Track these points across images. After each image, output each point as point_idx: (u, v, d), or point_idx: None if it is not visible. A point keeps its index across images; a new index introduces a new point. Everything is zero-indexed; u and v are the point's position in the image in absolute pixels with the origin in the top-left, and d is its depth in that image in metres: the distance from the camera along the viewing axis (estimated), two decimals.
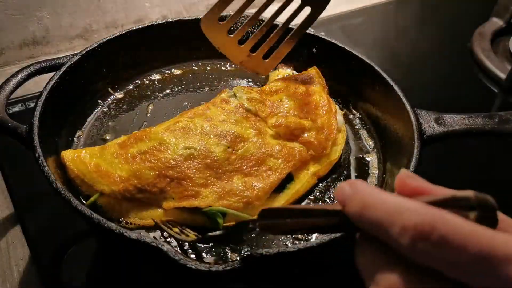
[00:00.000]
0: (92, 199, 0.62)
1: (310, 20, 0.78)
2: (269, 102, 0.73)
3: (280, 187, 0.67)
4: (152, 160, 0.63)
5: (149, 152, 0.64)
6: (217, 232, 0.57)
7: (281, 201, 0.66)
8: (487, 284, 0.26)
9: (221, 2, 0.75)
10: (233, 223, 0.62)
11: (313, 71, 0.82)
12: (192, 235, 0.59)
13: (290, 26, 0.79)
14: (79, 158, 0.64)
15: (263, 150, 0.67)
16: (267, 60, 0.80)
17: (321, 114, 0.74)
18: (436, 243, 0.26)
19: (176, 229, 0.60)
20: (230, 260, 0.59)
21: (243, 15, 0.77)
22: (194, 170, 0.63)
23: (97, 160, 0.64)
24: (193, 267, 0.48)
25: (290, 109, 0.72)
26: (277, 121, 0.70)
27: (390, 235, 0.28)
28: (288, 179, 0.68)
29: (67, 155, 0.65)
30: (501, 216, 0.30)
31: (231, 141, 0.66)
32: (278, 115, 0.71)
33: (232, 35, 0.78)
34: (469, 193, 0.28)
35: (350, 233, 0.32)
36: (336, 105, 0.78)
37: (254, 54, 0.80)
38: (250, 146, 0.67)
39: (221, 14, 0.76)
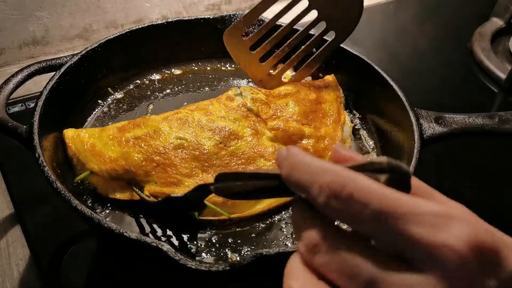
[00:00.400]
0: (81, 176, 0.65)
1: (333, 45, 0.78)
2: (274, 105, 0.73)
3: None
4: (143, 145, 0.65)
5: (142, 138, 0.66)
6: (178, 195, 0.56)
7: (262, 204, 0.65)
8: (386, 239, 0.28)
9: (246, 17, 0.75)
10: (211, 217, 0.63)
11: (330, 78, 0.81)
12: (152, 199, 0.62)
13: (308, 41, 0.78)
14: (78, 137, 0.67)
15: (255, 150, 0.67)
16: (286, 81, 0.81)
17: (326, 123, 0.73)
18: (345, 200, 0.29)
19: (147, 192, 0.63)
20: (230, 260, 0.59)
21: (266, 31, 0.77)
22: (181, 159, 0.64)
23: (94, 140, 0.66)
24: (193, 267, 0.48)
25: (294, 114, 0.72)
26: (276, 124, 0.70)
27: (310, 194, 0.30)
28: None
29: (68, 133, 0.68)
30: (419, 183, 0.33)
31: (224, 137, 0.67)
32: (279, 118, 0.71)
33: (254, 52, 0.78)
34: (383, 158, 0.31)
35: (288, 195, 0.34)
36: (348, 117, 0.77)
37: (274, 73, 0.81)
38: (243, 145, 0.67)
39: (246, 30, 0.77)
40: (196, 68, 0.90)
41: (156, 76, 0.88)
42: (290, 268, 0.32)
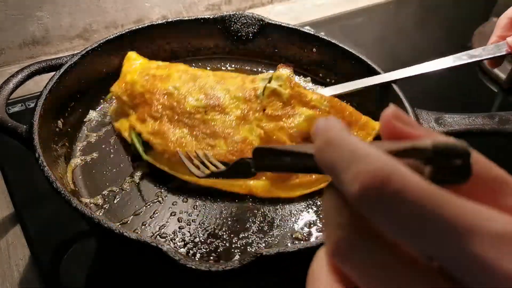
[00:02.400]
0: (109, 95, 0.77)
1: None
2: (289, 108, 0.68)
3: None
4: (150, 83, 0.71)
5: (156, 77, 0.72)
6: (221, 170, 0.52)
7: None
8: (437, 254, 0.22)
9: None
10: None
11: (373, 125, 0.72)
12: (207, 171, 0.56)
13: None
14: (134, 59, 0.78)
15: (225, 130, 0.66)
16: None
17: None
18: (391, 196, 0.22)
19: (197, 162, 0.58)
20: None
21: None
22: (159, 103, 0.69)
23: (136, 66, 0.76)
24: (193, 267, 0.48)
25: (295, 128, 0.66)
26: (267, 125, 0.66)
27: (342, 180, 0.24)
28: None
29: (131, 55, 0.79)
30: (484, 167, 0.27)
31: (209, 105, 0.68)
32: (278, 123, 0.66)
33: None
34: (427, 143, 0.24)
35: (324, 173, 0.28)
36: None
37: None
38: (219, 119, 0.67)
39: None
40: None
41: None
42: (313, 266, 0.26)
